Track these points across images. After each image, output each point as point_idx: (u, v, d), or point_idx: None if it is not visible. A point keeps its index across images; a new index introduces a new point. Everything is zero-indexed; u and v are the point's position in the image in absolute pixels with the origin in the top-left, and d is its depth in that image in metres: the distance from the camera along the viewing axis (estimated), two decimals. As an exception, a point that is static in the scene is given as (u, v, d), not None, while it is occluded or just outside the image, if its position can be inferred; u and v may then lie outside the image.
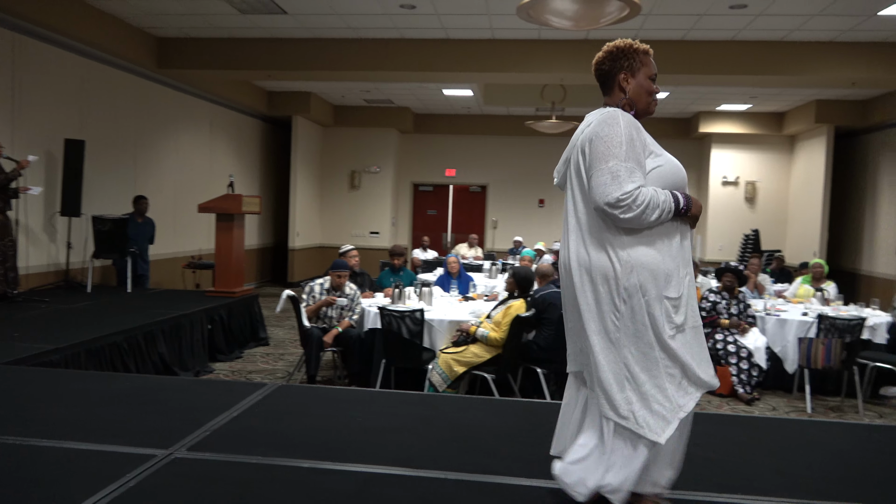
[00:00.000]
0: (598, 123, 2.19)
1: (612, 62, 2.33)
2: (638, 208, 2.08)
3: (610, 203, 2.08)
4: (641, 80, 2.30)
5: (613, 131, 2.14)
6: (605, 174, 2.10)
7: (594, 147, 2.16)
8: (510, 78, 9.14)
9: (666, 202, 2.13)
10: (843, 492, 2.63)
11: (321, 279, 5.93)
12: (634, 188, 2.07)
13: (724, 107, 12.31)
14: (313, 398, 3.72)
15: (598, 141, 2.15)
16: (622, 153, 2.12)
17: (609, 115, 2.19)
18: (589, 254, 2.19)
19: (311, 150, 13.36)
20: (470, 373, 5.03)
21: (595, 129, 2.19)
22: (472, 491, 2.50)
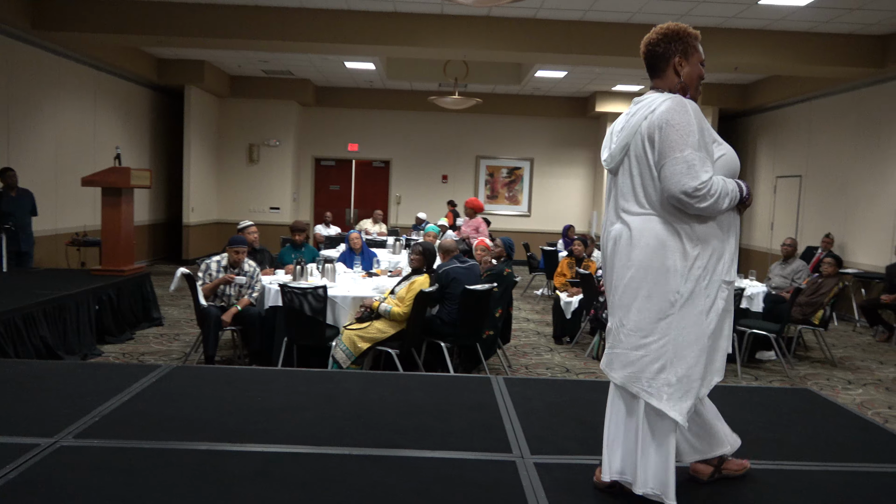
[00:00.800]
0: (668, 110, 2.18)
1: (666, 45, 2.32)
2: (711, 198, 2.13)
3: (687, 192, 2.11)
4: (694, 65, 2.32)
5: (685, 119, 2.16)
6: (681, 163, 2.12)
7: (666, 135, 2.16)
8: (413, 52, 9.08)
9: (734, 191, 2.20)
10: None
11: (218, 256, 5.73)
12: (708, 178, 2.12)
13: (619, 87, 12.75)
14: (211, 379, 3.61)
15: (669, 129, 2.15)
16: (695, 142, 2.14)
17: (677, 102, 2.19)
18: (657, 232, 2.20)
19: (205, 122, 12.78)
20: (374, 348, 5.03)
21: (665, 116, 2.17)
22: (377, 465, 2.50)
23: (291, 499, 2.22)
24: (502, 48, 8.62)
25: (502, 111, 14.04)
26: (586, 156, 14.61)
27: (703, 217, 2.20)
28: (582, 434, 2.93)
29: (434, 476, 2.43)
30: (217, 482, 2.32)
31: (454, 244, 5.73)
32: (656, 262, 2.19)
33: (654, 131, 2.19)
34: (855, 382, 6.06)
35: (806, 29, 8.24)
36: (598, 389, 3.82)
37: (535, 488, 2.34)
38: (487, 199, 14.74)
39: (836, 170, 9.93)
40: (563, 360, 6.43)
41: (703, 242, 2.20)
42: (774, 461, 2.72)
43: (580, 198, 14.75)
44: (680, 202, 2.15)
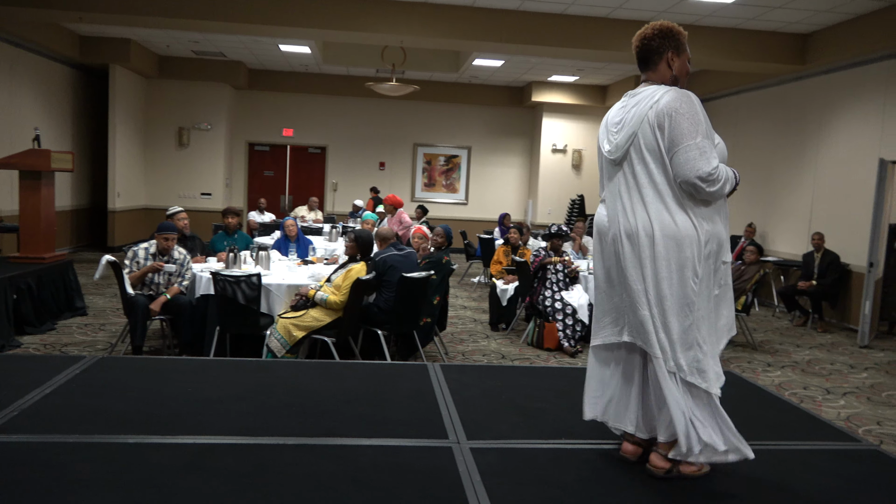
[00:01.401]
0: (675, 100, 2.30)
1: (661, 40, 2.44)
2: (720, 182, 2.28)
3: (701, 177, 2.24)
4: (683, 61, 2.47)
5: (694, 109, 2.29)
6: (694, 150, 2.25)
7: (677, 123, 2.27)
8: (350, 37, 8.95)
9: (732, 177, 2.36)
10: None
11: (146, 243, 5.53)
12: (717, 163, 2.28)
13: (554, 77, 12.92)
14: (139, 370, 3.49)
15: (679, 118, 2.27)
16: (704, 130, 2.29)
17: (682, 93, 2.32)
18: (676, 221, 2.30)
19: (132, 104, 12.28)
20: (310, 337, 4.97)
21: (673, 105, 2.29)
22: (312, 454, 2.48)
23: (225, 490, 2.18)
24: (440, 35, 8.60)
25: (440, 99, 14.03)
26: (523, 145, 14.77)
27: (707, 203, 2.34)
28: (517, 419, 2.98)
29: (370, 463, 2.43)
30: (146, 476, 2.25)
31: (391, 231, 5.71)
32: (679, 251, 2.31)
33: (663, 120, 2.30)
34: (774, 365, 6.38)
35: (733, 25, 8.54)
36: (533, 375, 3.90)
37: (470, 473, 2.37)
38: (425, 187, 14.75)
39: (759, 162, 10.37)
40: (498, 347, 6.52)
41: (709, 228, 2.34)
42: (699, 441, 2.83)
43: (517, 186, 14.91)
44: (694, 187, 2.28)
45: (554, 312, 6.43)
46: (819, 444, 2.90)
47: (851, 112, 8.52)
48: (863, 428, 4.67)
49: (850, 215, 8.34)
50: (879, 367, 6.44)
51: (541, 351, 6.40)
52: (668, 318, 2.32)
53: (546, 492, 2.29)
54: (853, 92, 8.49)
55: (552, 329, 6.38)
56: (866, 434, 4.52)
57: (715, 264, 2.36)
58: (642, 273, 2.34)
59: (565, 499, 2.25)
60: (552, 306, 6.45)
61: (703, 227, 2.32)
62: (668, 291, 2.31)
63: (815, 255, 8.33)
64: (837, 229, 8.51)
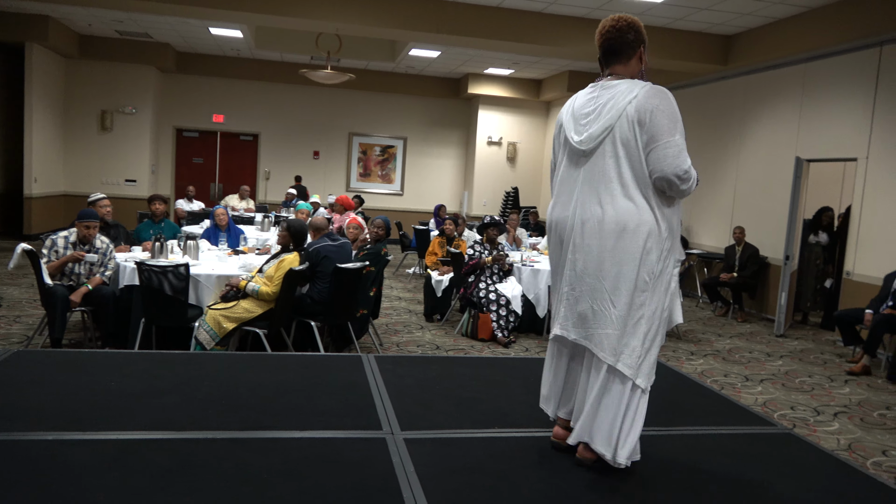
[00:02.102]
0: (653, 96, 2.31)
1: (636, 34, 2.44)
2: (692, 179, 2.32)
3: (678, 174, 2.27)
4: (648, 55, 2.51)
5: (672, 107, 2.32)
6: (673, 147, 2.27)
7: (657, 119, 2.28)
8: (283, 22, 8.75)
9: (696, 177, 2.36)
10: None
11: (66, 231, 5.28)
12: (690, 162, 2.32)
13: (490, 70, 13.01)
14: (59, 364, 3.33)
15: (660, 114, 2.28)
16: (681, 128, 2.33)
17: (660, 90, 2.33)
18: (641, 215, 2.31)
19: (50, 85, 11.67)
20: (240, 329, 4.86)
21: (653, 102, 2.30)
22: (241, 448, 2.43)
23: (149, 487, 2.11)
24: (376, 24, 8.52)
25: (376, 88, 13.92)
26: (459, 136, 14.82)
27: (671, 200, 2.37)
28: (451, 409, 3.00)
29: (302, 456, 2.39)
30: (65, 474, 2.15)
31: (325, 222, 5.64)
32: (640, 245, 2.31)
33: (644, 115, 2.30)
34: (697, 353, 6.64)
35: (662, 24, 8.79)
36: (468, 365, 3.93)
37: (404, 463, 2.37)
38: (360, 177, 14.62)
39: (684, 158, 10.72)
40: (433, 338, 6.54)
41: (669, 224, 2.37)
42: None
43: (452, 178, 14.96)
44: (669, 183, 2.30)
45: (488, 303, 6.49)
46: (738, 429, 3.04)
47: (771, 112, 8.92)
48: (778, 413, 4.92)
49: (769, 210, 8.74)
50: (793, 355, 6.80)
51: (475, 341, 6.46)
52: (622, 312, 2.32)
53: (479, 480, 2.32)
54: (772, 93, 8.89)
55: (486, 320, 6.44)
56: (781, 418, 4.77)
57: (668, 260, 2.39)
58: (602, 266, 2.34)
59: (498, 486, 2.28)
60: (486, 297, 6.52)
61: (663, 222, 2.35)
62: (625, 286, 2.32)
63: (737, 249, 8.70)
64: (757, 224, 8.91)
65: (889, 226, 7.05)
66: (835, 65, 7.88)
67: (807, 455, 2.79)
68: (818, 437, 4.46)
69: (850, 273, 7.52)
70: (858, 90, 7.52)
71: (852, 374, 6.12)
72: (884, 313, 6.18)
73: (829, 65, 7.95)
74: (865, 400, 5.39)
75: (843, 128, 7.72)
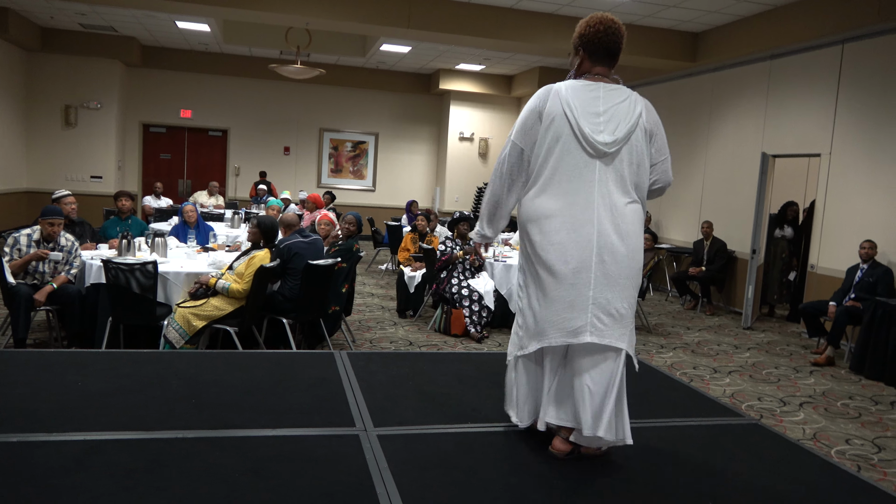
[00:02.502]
0: (653, 111, 2.53)
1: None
2: None
3: (671, 183, 2.60)
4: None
5: None
6: (670, 160, 2.57)
7: (662, 134, 2.55)
8: (251, 16, 8.64)
9: None
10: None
11: (29, 229, 5.16)
12: None
13: (461, 66, 13.01)
14: (22, 364, 3.26)
15: (662, 129, 2.55)
16: None
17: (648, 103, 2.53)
18: (642, 215, 2.51)
19: (11, 78, 11.37)
20: (211, 327, 4.80)
21: (656, 117, 2.53)
22: (211, 447, 2.40)
23: (116, 487, 2.07)
24: (346, 18, 8.45)
25: (347, 83, 13.83)
26: (431, 132, 14.80)
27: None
28: (424, 405, 3.00)
29: (273, 454, 2.37)
30: (29, 476, 2.10)
31: (296, 218, 5.59)
32: (641, 246, 2.49)
33: (653, 128, 2.51)
34: (666, 346, 6.72)
35: (630, 21, 8.87)
36: (441, 361, 3.93)
37: (377, 460, 2.36)
38: (331, 173, 14.53)
39: (654, 153, 10.85)
40: (406, 334, 6.53)
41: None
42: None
43: (424, 173, 14.94)
44: (662, 191, 2.60)
45: (461, 299, 6.50)
46: (706, 420, 3.09)
47: (737, 108, 9.06)
48: (745, 404, 5.01)
49: (736, 205, 8.89)
50: (760, 347, 6.92)
51: (448, 337, 6.47)
52: (635, 304, 2.52)
53: (451, 475, 2.32)
54: (738, 89, 9.03)
55: (459, 315, 6.45)
56: (748, 409, 4.86)
57: None
58: (631, 265, 2.44)
59: (471, 481, 2.29)
60: (459, 293, 6.52)
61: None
62: (638, 281, 2.50)
63: (705, 243, 8.84)
64: (725, 218, 9.06)
65: (851, 220, 7.21)
66: (799, 62, 8.03)
67: (773, 445, 2.85)
68: (784, 427, 4.55)
69: (814, 266, 7.68)
70: (822, 87, 7.68)
71: (817, 365, 6.26)
72: (846, 305, 6.33)
73: (794, 62, 8.11)
74: (829, 390, 5.51)
75: (807, 124, 7.87)
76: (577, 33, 2.55)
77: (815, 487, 2.47)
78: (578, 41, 2.55)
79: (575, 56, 2.59)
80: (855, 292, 6.39)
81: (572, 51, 2.61)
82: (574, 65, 2.59)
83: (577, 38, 2.55)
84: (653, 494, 2.30)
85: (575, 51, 2.58)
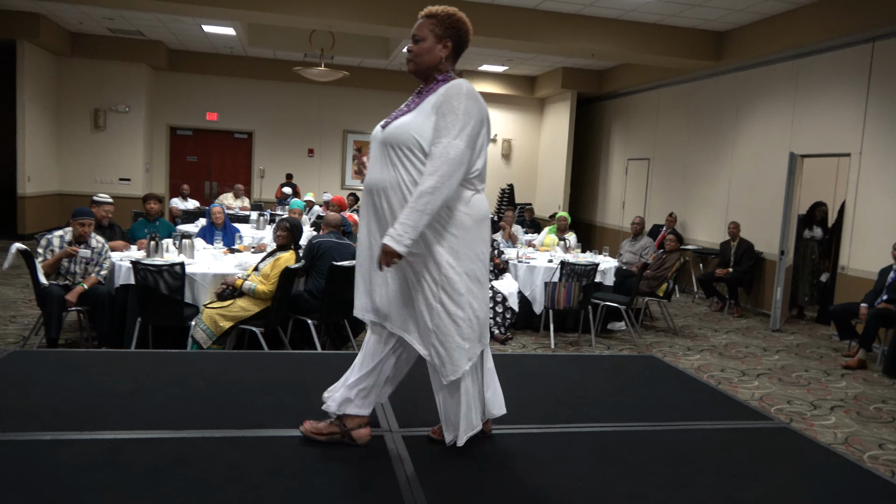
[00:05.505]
0: None
1: None
2: None
3: None
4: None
5: None
6: None
7: None
8: (276, 19, 8.72)
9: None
10: (579, 414, 3.01)
11: (61, 230, 5.25)
12: None
13: (484, 67, 12.99)
14: (54, 363, 3.32)
15: None
16: None
17: None
18: None
19: (43, 83, 11.59)
20: (237, 327, 4.85)
21: None
22: (234, 446, 2.42)
23: (141, 486, 2.10)
24: (369, 20, 8.49)
25: (370, 85, 13.88)
26: (453, 133, 14.78)
27: None
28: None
29: (296, 454, 2.39)
30: (58, 474, 2.14)
31: (339, 219, 5.65)
32: None
33: None
34: (693, 349, 6.65)
35: (655, 21, 8.79)
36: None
37: (403, 460, 2.37)
38: (355, 175, 14.58)
39: (678, 154, 10.75)
40: (429, 335, 6.52)
41: None
42: (621, 423, 2.93)
43: (447, 175, 14.93)
44: None
45: (484, 300, 6.48)
46: (735, 423, 3.04)
47: (763, 107, 8.93)
48: (774, 407, 4.93)
49: (763, 206, 8.76)
50: (790, 350, 6.82)
51: (471, 338, 6.44)
52: None
53: (475, 477, 2.31)
54: (765, 88, 8.90)
55: (482, 316, 6.43)
56: (778, 413, 4.78)
57: None
58: None
59: (495, 483, 2.28)
60: (482, 294, 6.51)
61: None
62: None
63: (732, 244, 8.72)
64: (752, 219, 8.93)
65: (883, 220, 7.07)
66: (827, 60, 7.90)
67: (804, 449, 2.80)
68: (815, 431, 4.47)
69: (844, 268, 7.55)
70: (851, 86, 7.54)
71: (848, 368, 6.15)
72: (878, 307, 6.20)
73: (822, 60, 7.97)
74: (861, 394, 5.41)
75: (836, 123, 7.74)
76: (454, 26, 2.47)
77: (846, 493, 2.42)
78: (455, 36, 2.48)
79: (439, 44, 2.46)
80: (888, 294, 6.26)
81: (433, 38, 2.45)
82: (441, 56, 2.46)
83: (453, 31, 2.47)
84: (680, 498, 2.27)
85: (440, 40, 2.46)
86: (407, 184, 2.30)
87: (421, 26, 2.45)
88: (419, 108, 2.36)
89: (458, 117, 2.29)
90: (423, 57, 2.44)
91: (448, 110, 2.29)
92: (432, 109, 2.32)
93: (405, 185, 2.30)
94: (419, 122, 2.32)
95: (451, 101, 2.30)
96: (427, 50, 2.44)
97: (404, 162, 2.32)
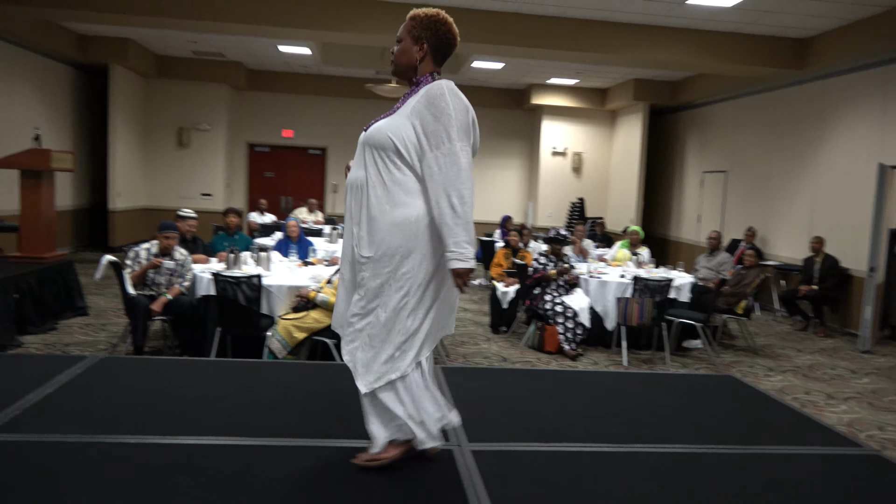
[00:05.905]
0: None
1: None
2: None
3: None
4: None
5: None
6: None
7: None
8: (349, 38, 8.95)
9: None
10: (651, 434, 2.93)
11: (148, 243, 5.53)
12: None
13: (553, 80, 12.93)
14: (140, 370, 3.49)
15: None
16: None
17: None
18: None
19: (132, 104, 12.27)
20: (311, 339, 4.96)
21: None
22: (305, 456, 2.48)
23: (218, 491, 2.17)
24: (441, 37, 8.59)
25: (440, 101, 14.00)
26: (523, 147, 14.76)
27: None
28: (518, 421, 2.98)
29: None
30: (141, 476, 2.24)
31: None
32: None
33: None
34: (775, 369, 6.37)
35: (731, 29, 8.55)
36: (534, 377, 3.90)
37: (472, 475, 2.36)
38: (424, 189, 14.72)
39: (758, 166, 10.37)
40: (499, 350, 6.51)
41: None
42: (696, 444, 2.83)
43: (516, 189, 14.91)
44: None
45: (555, 315, 6.42)
46: (821, 450, 2.90)
47: (850, 117, 8.52)
48: (865, 433, 4.66)
49: (850, 220, 8.33)
50: (881, 373, 6.44)
51: (541, 354, 6.39)
52: None
53: (545, 494, 2.28)
54: (851, 96, 8.50)
55: (553, 332, 6.37)
56: (868, 439, 4.52)
57: None
58: None
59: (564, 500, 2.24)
60: (553, 309, 6.44)
61: None
62: None
63: (815, 260, 8.33)
64: (837, 233, 8.51)
65: (985, 235, 6.60)
66: (922, 66, 7.47)
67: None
68: (909, 459, 4.20)
69: (941, 285, 7.08)
70: (948, 92, 7.10)
71: (945, 392, 5.76)
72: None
73: (916, 66, 7.55)
74: (961, 421, 5.05)
75: (931, 132, 7.30)
76: (430, 28, 2.44)
77: (947, 527, 2.27)
78: (434, 38, 2.45)
79: (416, 46, 2.44)
80: None
81: (410, 39, 2.45)
82: (417, 58, 2.44)
83: (430, 33, 2.44)
84: (762, 525, 2.17)
85: (417, 42, 2.44)
86: (376, 183, 2.34)
87: (402, 28, 2.49)
88: (399, 111, 2.39)
89: (451, 118, 2.29)
90: (400, 58, 2.48)
91: (438, 113, 2.29)
92: (411, 111, 2.34)
93: (375, 184, 2.34)
94: (396, 124, 2.35)
95: (437, 102, 2.30)
96: (403, 51, 2.47)
97: (377, 162, 2.35)
